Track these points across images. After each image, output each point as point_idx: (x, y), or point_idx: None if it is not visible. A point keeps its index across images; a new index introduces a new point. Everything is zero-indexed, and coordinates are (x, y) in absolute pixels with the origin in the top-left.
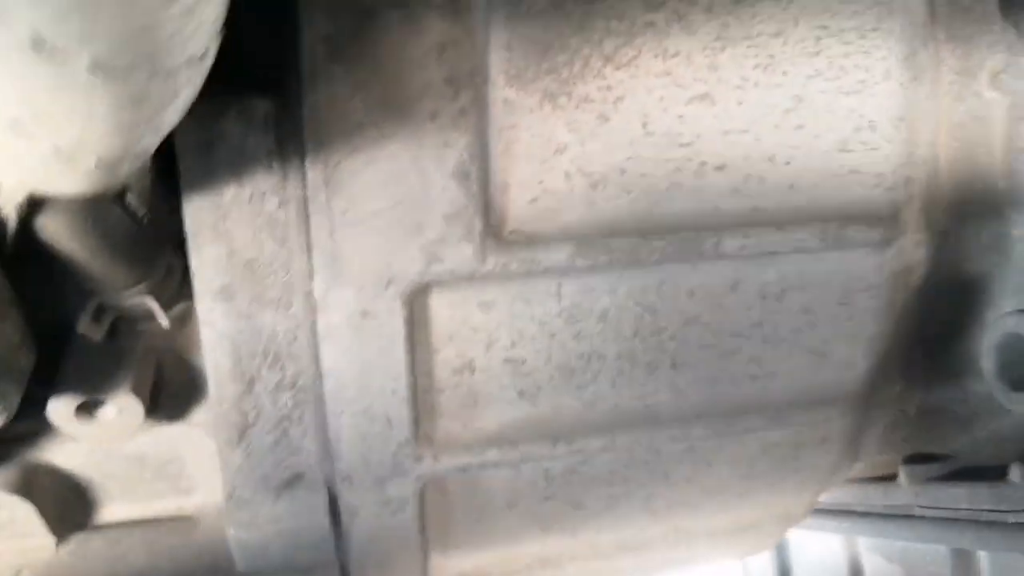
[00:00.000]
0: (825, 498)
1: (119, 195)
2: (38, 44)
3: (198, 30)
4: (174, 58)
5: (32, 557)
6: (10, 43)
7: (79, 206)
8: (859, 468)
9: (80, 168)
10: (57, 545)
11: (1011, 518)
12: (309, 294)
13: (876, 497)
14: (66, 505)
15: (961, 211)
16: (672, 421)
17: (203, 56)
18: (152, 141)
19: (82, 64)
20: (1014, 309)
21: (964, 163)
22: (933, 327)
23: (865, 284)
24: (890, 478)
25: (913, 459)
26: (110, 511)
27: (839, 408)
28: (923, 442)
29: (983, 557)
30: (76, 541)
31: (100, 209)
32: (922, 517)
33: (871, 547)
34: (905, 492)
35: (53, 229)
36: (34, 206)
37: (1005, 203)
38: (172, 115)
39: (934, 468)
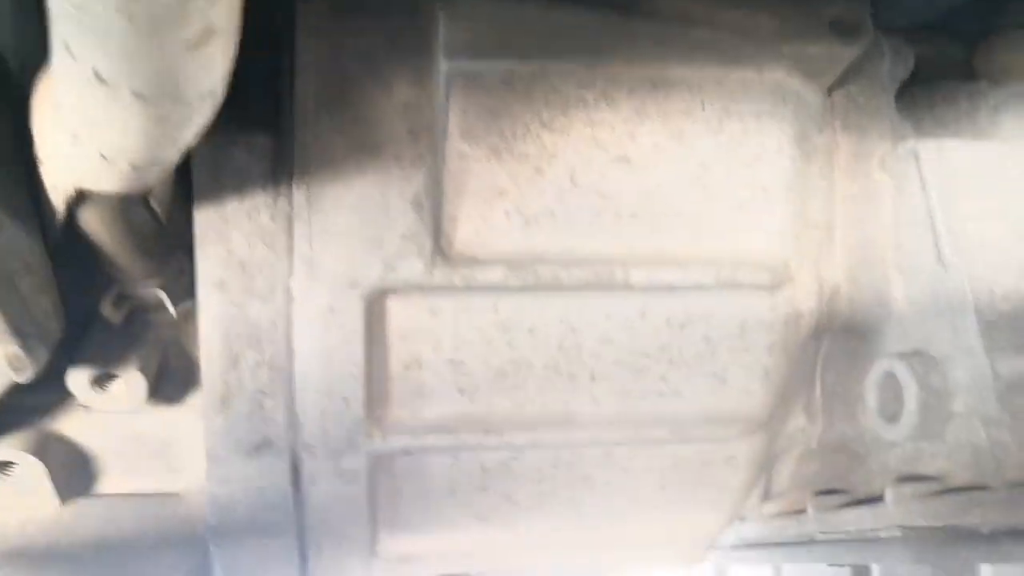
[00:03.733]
0: (755, 533)
1: (144, 198)
2: (99, 77)
3: (210, 74)
4: (191, 92)
5: (37, 514)
6: (79, 75)
7: (113, 202)
8: (785, 503)
9: (117, 170)
10: (60, 506)
11: (883, 533)
12: (288, 290)
13: (791, 528)
14: (72, 472)
15: (852, 270)
16: (590, 425)
17: (213, 93)
18: (173, 154)
19: (126, 91)
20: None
21: (856, 231)
22: (831, 369)
23: (758, 322)
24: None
25: (822, 492)
26: (109, 482)
27: (739, 429)
28: (828, 476)
29: (876, 570)
30: (77, 505)
31: (128, 207)
32: (824, 541)
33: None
34: (812, 521)
35: (90, 219)
36: (79, 199)
37: (890, 266)
38: (188, 134)
39: (835, 499)
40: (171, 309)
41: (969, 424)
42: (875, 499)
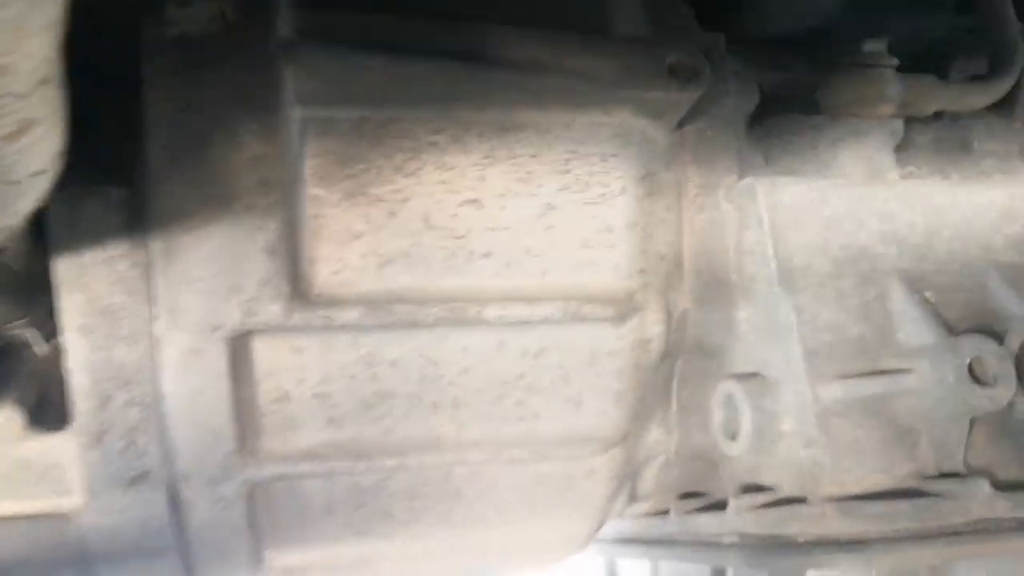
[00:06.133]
0: (630, 530)
1: None
2: None
3: (36, 158)
4: (19, 174)
5: None
6: None
7: None
8: (651, 504)
9: None
10: None
11: (726, 539)
12: (152, 334)
13: (658, 528)
14: None
15: (701, 296)
16: (455, 448)
17: (44, 171)
18: (15, 221)
19: None
20: (734, 374)
21: (704, 259)
22: (687, 385)
23: (607, 350)
24: (667, 512)
25: (684, 495)
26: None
27: (596, 447)
28: (688, 481)
29: (730, 572)
30: None
31: None
32: (684, 542)
33: (669, 571)
34: (673, 523)
35: None
36: None
37: (735, 291)
38: (26, 206)
39: (694, 502)
40: (40, 348)
41: (794, 443)
42: (722, 506)
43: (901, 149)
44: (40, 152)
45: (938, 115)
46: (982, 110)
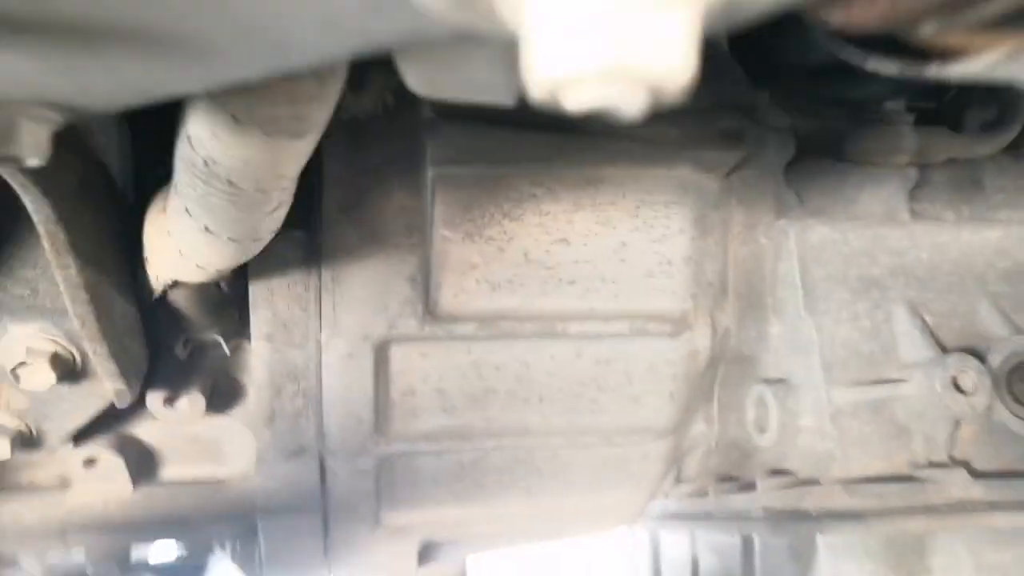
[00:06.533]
0: (674, 508)
1: (216, 281)
2: (207, 230)
3: (278, 221)
4: (265, 234)
5: (114, 496)
6: (192, 227)
7: (196, 286)
8: (694, 486)
9: (206, 273)
10: (133, 490)
11: (755, 513)
12: (319, 341)
13: (699, 506)
14: (143, 463)
15: (741, 316)
16: (540, 434)
17: (276, 229)
18: (242, 260)
19: (224, 238)
20: (765, 379)
21: (744, 285)
22: (726, 388)
23: (665, 360)
24: (707, 493)
25: (721, 479)
26: (171, 471)
27: (651, 436)
28: (725, 467)
29: (756, 540)
30: (146, 488)
31: (206, 288)
32: (720, 517)
33: (705, 541)
34: (712, 501)
35: (178, 296)
36: (173, 285)
37: (769, 312)
38: (257, 251)
39: (729, 485)
40: (226, 348)
41: (811, 436)
42: (752, 487)
43: (918, 187)
44: (281, 217)
45: None
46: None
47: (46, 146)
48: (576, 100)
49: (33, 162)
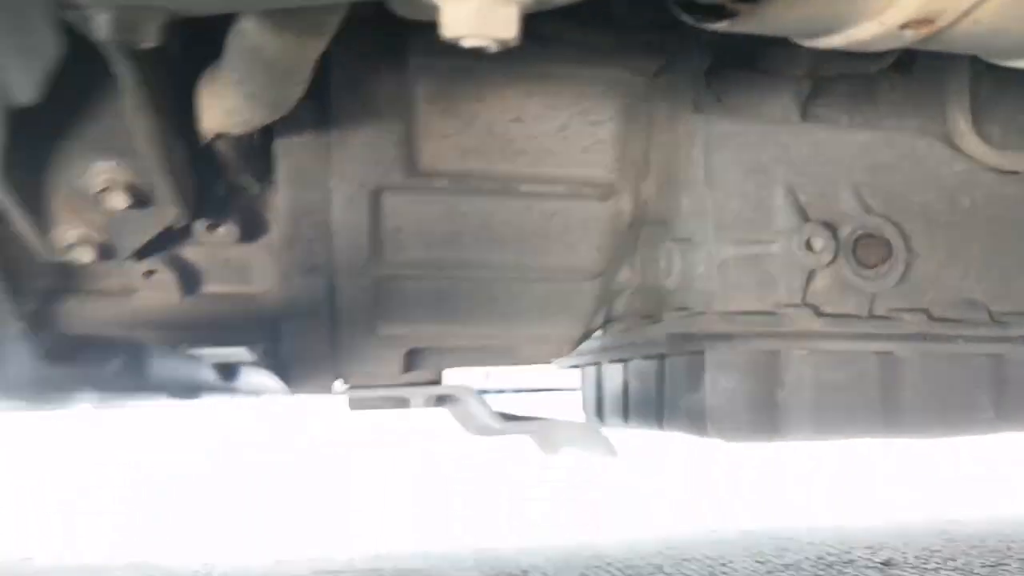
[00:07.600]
0: (609, 343)
1: (250, 135)
2: (250, 95)
3: (299, 92)
4: (289, 99)
5: (166, 303)
6: (240, 93)
7: (234, 138)
8: (623, 324)
9: (244, 127)
10: (181, 299)
11: (662, 339)
12: (327, 186)
13: (626, 339)
14: (188, 278)
15: (659, 188)
16: (497, 269)
17: (298, 98)
18: (273, 119)
19: (262, 102)
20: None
21: (666, 166)
22: (645, 245)
23: (595, 217)
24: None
25: (643, 317)
26: (210, 287)
27: (585, 276)
28: (645, 307)
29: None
30: (191, 299)
31: (242, 140)
32: (640, 344)
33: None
34: (635, 334)
35: (220, 145)
36: (217, 137)
37: (681, 186)
38: (284, 113)
39: (648, 320)
40: (256, 189)
41: (703, 281)
42: (660, 319)
43: (820, 96)
44: (303, 89)
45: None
46: (888, 69)
47: (158, 34)
48: (465, 44)
49: (148, 45)
